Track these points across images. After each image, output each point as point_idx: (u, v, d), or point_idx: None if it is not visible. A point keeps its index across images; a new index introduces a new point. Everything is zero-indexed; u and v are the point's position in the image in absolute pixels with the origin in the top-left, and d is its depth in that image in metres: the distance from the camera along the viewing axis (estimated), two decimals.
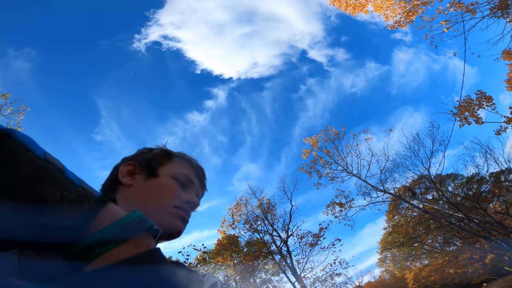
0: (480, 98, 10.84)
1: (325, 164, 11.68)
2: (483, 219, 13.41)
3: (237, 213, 14.68)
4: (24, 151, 0.24)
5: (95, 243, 0.24)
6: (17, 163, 0.23)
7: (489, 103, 10.95)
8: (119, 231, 0.25)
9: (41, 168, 0.24)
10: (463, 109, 10.72)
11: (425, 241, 16.00)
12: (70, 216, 0.24)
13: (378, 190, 11.53)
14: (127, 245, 0.25)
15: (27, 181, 0.23)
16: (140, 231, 0.27)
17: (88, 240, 0.24)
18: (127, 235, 0.25)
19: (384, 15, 9.22)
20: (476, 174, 13.13)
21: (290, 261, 14.37)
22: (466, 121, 10.82)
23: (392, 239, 16.20)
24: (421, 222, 13.97)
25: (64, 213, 0.24)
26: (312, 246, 14.59)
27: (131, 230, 0.26)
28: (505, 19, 10.39)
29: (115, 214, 0.27)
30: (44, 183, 0.24)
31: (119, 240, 0.25)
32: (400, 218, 15.42)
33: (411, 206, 12.90)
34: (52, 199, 0.23)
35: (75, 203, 0.25)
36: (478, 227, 13.91)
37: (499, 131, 11.74)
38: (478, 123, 11.08)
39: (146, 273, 0.24)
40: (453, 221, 13.59)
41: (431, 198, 13.91)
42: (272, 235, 14.49)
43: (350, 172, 11.62)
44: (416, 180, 12.20)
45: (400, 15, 9.07)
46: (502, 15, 10.20)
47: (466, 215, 12.76)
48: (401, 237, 15.24)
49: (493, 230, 13.39)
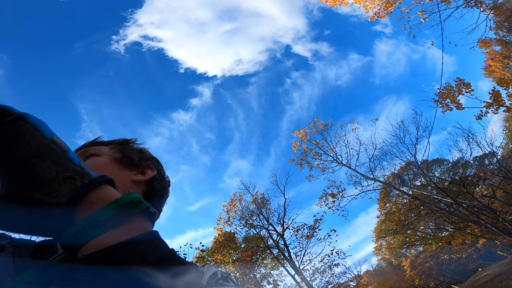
0: (459, 85, 11.30)
1: (315, 155, 11.97)
2: (471, 204, 13.85)
3: (232, 210, 14.80)
4: (32, 131, 0.25)
5: (89, 225, 0.24)
6: (23, 141, 0.24)
7: (468, 89, 11.42)
8: (114, 212, 0.25)
9: (45, 147, 0.25)
10: (444, 96, 11.16)
11: (417, 227, 16.42)
12: (60, 193, 0.24)
13: (368, 178, 11.86)
14: (123, 228, 0.24)
15: (28, 157, 0.24)
16: (136, 213, 0.26)
17: (82, 222, 0.24)
18: (122, 217, 0.25)
19: (364, 6, 9.57)
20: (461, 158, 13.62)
21: (288, 254, 14.55)
22: (447, 107, 11.26)
23: (385, 227, 16.57)
24: (412, 209, 14.37)
25: (55, 190, 0.24)
26: (309, 238, 14.80)
27: (127, 212, 0.25)
28: (478, 9, 10.89)
29: (110, 196, 0.27)
30: (44, 159, 0.25)
31: (114, 222, 0.24)
32: (392, 206, 15.81)
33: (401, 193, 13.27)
34: (47, 174, 0.24)
35: (68, 179, 0.25)
36: (467, 212, 14.33)
37: (479, 115, 12.24)
38: (459, 109, 11.54)
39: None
40: (443, 207, 14.02)
41: (420, 184, 14.33)
42: (268, 230, 14.66)
43: (340, 162, 11.93)
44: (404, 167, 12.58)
45: (379, 6, 9.43)
46: (475, 5, 10.69)
47: (454, 200, 13.18)
48: (394, 225, 15.62)
49: (482, 214, 13.82)
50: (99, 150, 0.60)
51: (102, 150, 0.61)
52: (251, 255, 14.56)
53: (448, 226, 16.67)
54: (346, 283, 19.35)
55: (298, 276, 14.06)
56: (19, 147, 0.24)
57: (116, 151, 0.62)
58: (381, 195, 15.16)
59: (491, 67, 13.07)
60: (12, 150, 0.24)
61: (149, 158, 0.67)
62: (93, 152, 0.60)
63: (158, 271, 0.22)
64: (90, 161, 0.57)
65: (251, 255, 14.57)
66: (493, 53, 12.97)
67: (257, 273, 15.99)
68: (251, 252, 14.55)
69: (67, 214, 0.24)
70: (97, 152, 0.60)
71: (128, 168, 0.60)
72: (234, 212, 14.67)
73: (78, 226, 0.24)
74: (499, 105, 12.51)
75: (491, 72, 13.07)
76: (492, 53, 12.98)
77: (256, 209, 14.50)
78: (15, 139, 0.24)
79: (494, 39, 12.72)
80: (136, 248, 0.23)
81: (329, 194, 12.50)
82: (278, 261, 14.76)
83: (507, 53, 13.15)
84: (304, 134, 12.29)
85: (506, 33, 12.53)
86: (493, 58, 12.96)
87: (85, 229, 0.24)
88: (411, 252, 19.58)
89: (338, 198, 12.52)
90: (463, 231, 16.09)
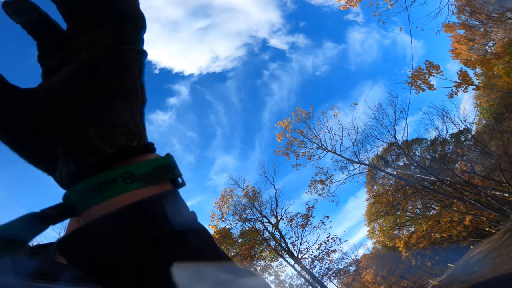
0: (429, 67, 12.08)
1: (301, 144, 12.41)
2: (453, 180, 14.59)
3: (224, 206, 14.93)
4: (140, 68, 0.24)
5: (121, 178, 0.20)
6: (130, 71, 0.23)
7: (437, 71, 12.23)
8: (151, 170, 0.22)
9: (137, 89, 0.24)
10: (416, 78, 11.90)
11: (406, 208, 17.11)
12: (115, 142, 0.22)
13: (354, 162, 12.39)
14: (153, 188, 0.21)
15: (114, 94, 0.22)
16: (170, 177, 0.23)
17: (113, 172, 0.21)
18: (157, 177, 0.22)
19: None
20: (438, 136, 14.42)
21: (285, 244, 14.85)
22: (420, 88, 12.02)
23: (376, 209, 17.20)
24: (398, 189, 15.02)
25: (113, 138, 0.22)
26: (303, 227, 15.16)
27: (163, 174, 0.23)
28: None
29: (149, 156, 0.24)
30: (128, 101, 0.23)
31: (148, 180, 0.21)
32: (379, 188, 16.46)
33: (386, 174, 13.89)
34: (117, 118, 0.22)
35: (130, 134, 0.23)
36: (450, 189, 15.05)
37: (451, 94, 13.08)
38: (431, 89, 12.31)
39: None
40: (427, 185, 14.72)
41: (403, 165, 15.02)
42: (263, 222, 14.92)
43: (325, 149, 12.41)
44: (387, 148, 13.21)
45: None
46: None
47: (436, 177, 13.89)
48: (383, 207, 16.25)
49: (464, 191, 14.56)
50: None
51: None
52: (249, 249, 14.77)
53: (434, 204, 17.43)
54: (345, 268, 19.87)
55: (298, 265, 14.36)
56: (124, 78, 0.23)
57: None
58: (368, 177, 15.78)
59: (458, 50, 13.99)
60: (115, 78, 0.22)
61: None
62: None
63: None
64: None
65: (249, 249, 14.78)
66: (458, 37, 13.89)
67: (257, 266, 16.18)
68: (249, 246, 14.76)
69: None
70: None
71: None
72: (227, 208, 14.85)
73: (107, 175, 0.20)
74: (468, 84, 13.40)
75: (458, 54, 13.98)
76: (457, 36, 13.90)
77: (248, 202, 14.73)
78: (129, 67, 0.23)
79: (458, 23, 13.65)
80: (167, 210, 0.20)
81: (318, 181, 12.95)
82: (277, 252, 15.02)
83: (471, 36, 14.10)
84: (287, 123, 12.75)
85: (468, 17, 13.47)
86: (458, 41, 13.88)
87: (115, 180, 0.20)
88: (404, 233, 20.29)
89: (327, 184, 12.99)
90: (449, 208, 16.80)
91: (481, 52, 14.13)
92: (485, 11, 12.95)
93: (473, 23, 13.78)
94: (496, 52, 13.74)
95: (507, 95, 14.70)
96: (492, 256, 8.54)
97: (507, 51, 13.35)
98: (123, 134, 0.22)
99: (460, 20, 13.31)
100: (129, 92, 0.23)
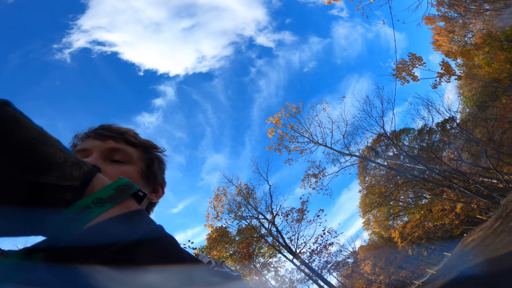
0: (412, 59, 12.48)
1: (292, 138, 12.58)
2: (441, 168, 15.04)
3: (219, 205, 14.83)
4: (26, 118, 0.25)
5: (93, 203, 0.25)
6: (22, 127, 0.24)
7: (420, 62, 12.63)
8: (114, 192, 0.27)
9: (43, 134, 0.26)
10: (400, 70, 12.27)
11: (398, 197, 17.49)
12: (73, 176, 0.25)
13: (345, 154, 12.64)
14: (121, 206, 0.27)
15: (34, 142, 0.24)
16: (130, 194, 0.29)
17: (86, 199, 0.26)
18: (120, 196, 0.28)
19: None
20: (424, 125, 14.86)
21: (282, 240, 14.94)
22: (405, 80, 12.39)
23: (369, 200, 17.53)
24: (389, 179, 15.37)
25: (68, 174, 0.25)
26: (299, 222, 15.29)
27: (124, 193, 0.28)
28: None
29: (106, 180, 0.30)
30: (48, 145, 0.25)
31: (114, 200, 0.27)
32: (371, 179, 16.80)
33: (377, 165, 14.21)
34: (57, 158, 0.25)
35: (76, 164, 0.27)
36: (439, 177, 15.47)
37: (435, 85, 13.52)
38: (415, 80, 12.71)
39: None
40: (417, 174, 15.12)
41: (392, 155, 15.38)
42: (259, 219, 14.98)
43: (316, 142, 12.63)
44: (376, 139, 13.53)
45: None
46: None
47: (426, 166, 14.29)
48: (376, 197, 16.57)
49: (453, 179, 15.01)
50: (130, 154, 0.58)
51: (133, 156, 0.58)
52: (247, 246, 14.79)
53: (425, 193, 17.87)
54: (344, 261, 20.12)
55: (296, 260, 14.47)
56: (22, 132, 0.24)
57: (143, 162, 0.60)
58: (359, 169, 16.08)
59: (439, 41, 14.48)
60: (16, 134, 0.23)
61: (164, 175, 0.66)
62: (124, 152, 0.57)
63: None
64: (121, 170, 0.54)
65: (247, 246, 14.80)
66: (438, 29, 14.39)
67: (257, 263, 16.19)
68: (247, 243, 14.79)
69: (75, 194, 0.25)
70: (128, 157, 0.57)
71: (147, 184, 0.60)
72: (222, 207, 14.80)
73: (84, 202, 0.25)
74: (450, 74, 13.88)
75: (439, 46, 14.47)
76: (438, 28, 14.39)
77: (243, 200, 14.74)
78: (14, 124, 0.23)
79: (438, 15, 14.14)
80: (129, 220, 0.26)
81: (311, 175, 13.15)
82: (275, 248, 15.08)
83: (451, 28, 14.62)
84: (278, 119, 12.90)
85: (447, 9, 13.98)
86: (439, 33, 14.37)
87: (89, 206, 0.25)
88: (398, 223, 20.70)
89: (320, 177, 13.20)
90: (440, 197, 17.21)
91: (461, 43, 14.67)
92: (463, 3, 13.47)
93: (452, 15, 14.31)
94: (475, 43, 14.28)
95: (489, 84, 15.27)
96: (486, 244, 8.67)
97: (486, 41, 13.89)
98: (72, 168, 0.26)
99: (440, 13, 13.82)
100: (41, 137, 0.26)
